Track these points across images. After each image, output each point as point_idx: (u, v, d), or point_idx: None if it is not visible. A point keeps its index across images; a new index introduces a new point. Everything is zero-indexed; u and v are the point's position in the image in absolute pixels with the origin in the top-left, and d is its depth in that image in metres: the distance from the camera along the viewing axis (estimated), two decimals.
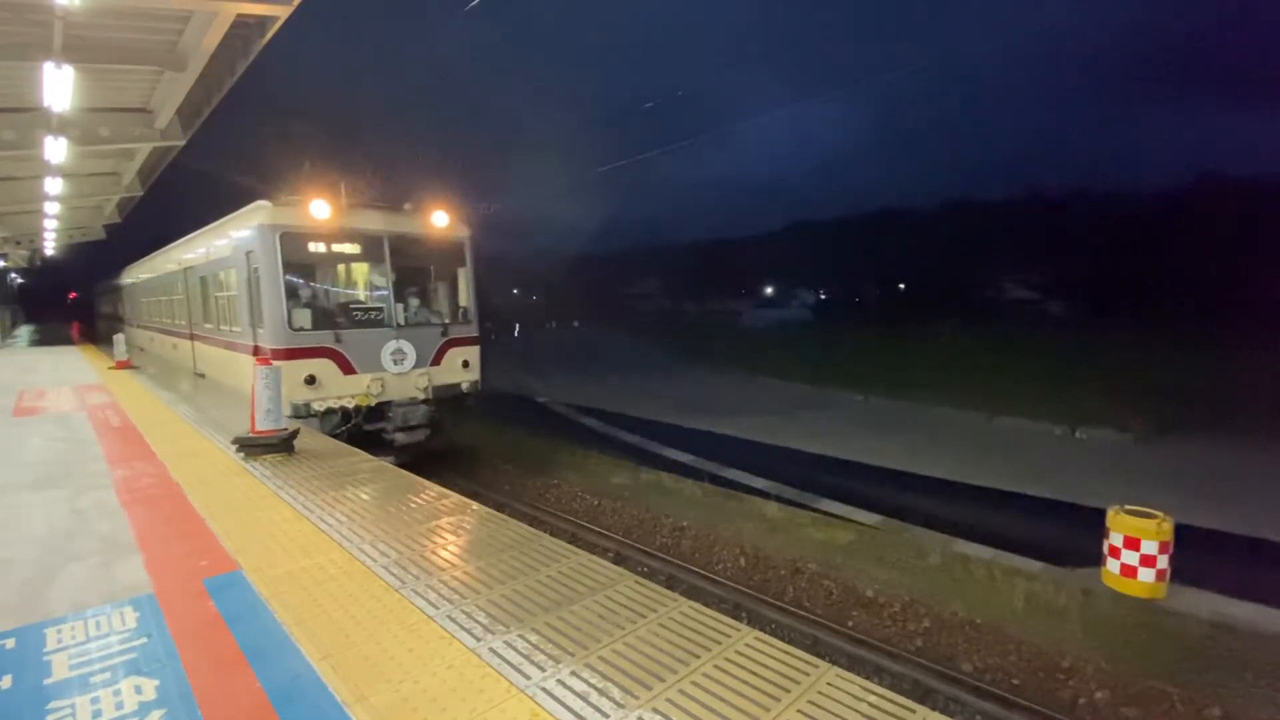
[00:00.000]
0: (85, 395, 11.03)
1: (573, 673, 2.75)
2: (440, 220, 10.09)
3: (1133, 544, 6.41)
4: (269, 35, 8.98)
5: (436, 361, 9.99)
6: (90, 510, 5.00)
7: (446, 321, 10.38)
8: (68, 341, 27.21)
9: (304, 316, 8.97)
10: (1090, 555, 7.07)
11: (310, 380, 8.75)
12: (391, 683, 2.69)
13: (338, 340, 9.03)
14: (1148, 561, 6.34)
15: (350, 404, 9.08)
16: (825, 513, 9.72)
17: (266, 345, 8.89)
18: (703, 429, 18.41)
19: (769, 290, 67.63)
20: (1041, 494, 11.94)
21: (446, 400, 10.07)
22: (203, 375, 13.07)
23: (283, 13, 8.03)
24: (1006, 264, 45.80)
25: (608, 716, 2.47)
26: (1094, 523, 7.19)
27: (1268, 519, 9.93)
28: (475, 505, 4.97)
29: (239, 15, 8.03)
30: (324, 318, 9.25)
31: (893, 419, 19.75)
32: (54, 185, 14.75)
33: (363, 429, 9.25)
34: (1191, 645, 5.76)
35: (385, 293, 9.76)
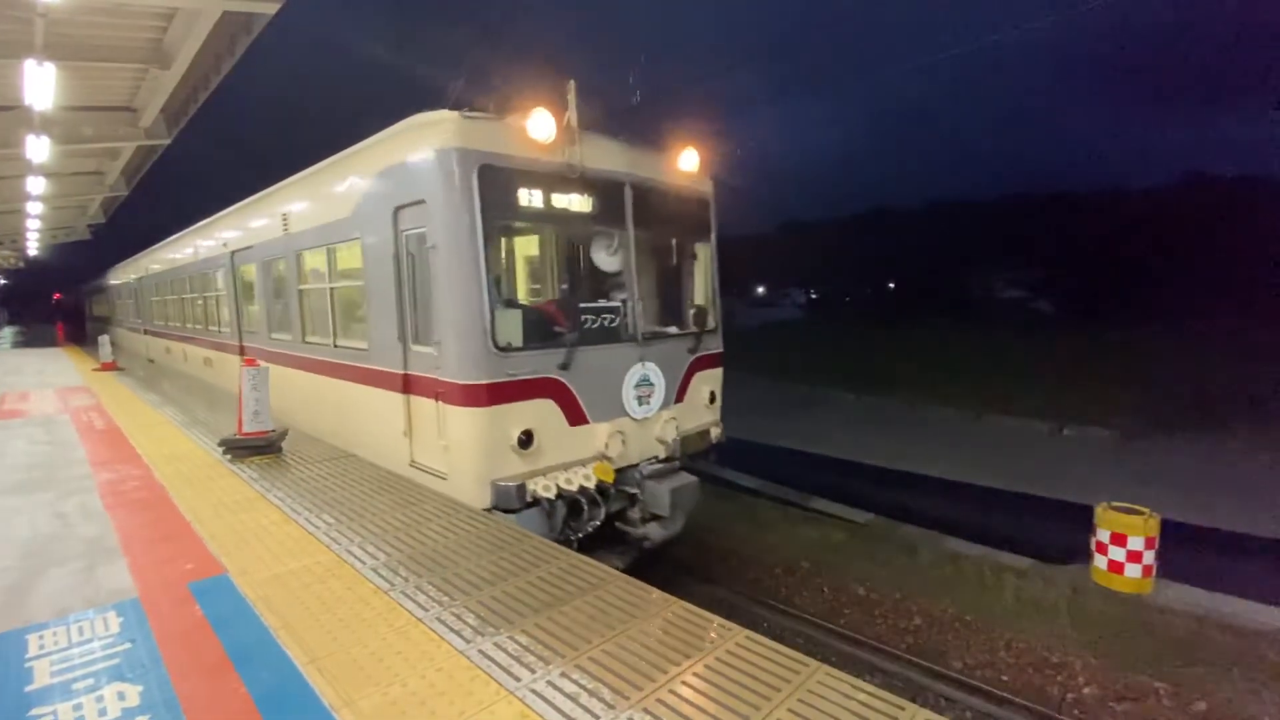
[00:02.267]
0: (69, 398, 10.89)
1: (563, 674, 2.74)
2: (689, 163, 6.59)
3: (1119, 540, 6.47)
4: (256, 33, 8.91)
5: (680, 396, 6.54)
6: (74, 514, 4.94)
7: (693, 329, 6.82)
8: (52, 343, 26.87)
9: (513, 324, 5.32)
10: (1079, 551, 7.13)
11: (526, 441, 5.18)
12: (380, 686, 2.67)
13: (565, 366, 5.45)
14: (1134, 557, 6.40)
15: (589, 481, 5.52)
16: (817, 511, 9.75)
17: (450, 377, 5.13)
18: None
19: (761, 289, 67.79)
20: (1029, 491, 12.03)
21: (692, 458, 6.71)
22: None
23: (270, 9, 7.97)
24: (996, 263, 46.16)
25: (598, 717, 2.46)
26: (1082, 519, 7.25)
27: (1251, 514, 10.06)
28: (465, 506, 4.95)
29: (225, 12, 7.96)
30: (539, 326, 5.57)
31: (883, 417, 19.85)
32: (36, 185, 14.58)
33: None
34: (1178, 640, 5.82)
35: (623, 282, 6.11)
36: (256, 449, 6.53)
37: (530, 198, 5.36)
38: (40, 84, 8.15)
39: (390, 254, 5.75)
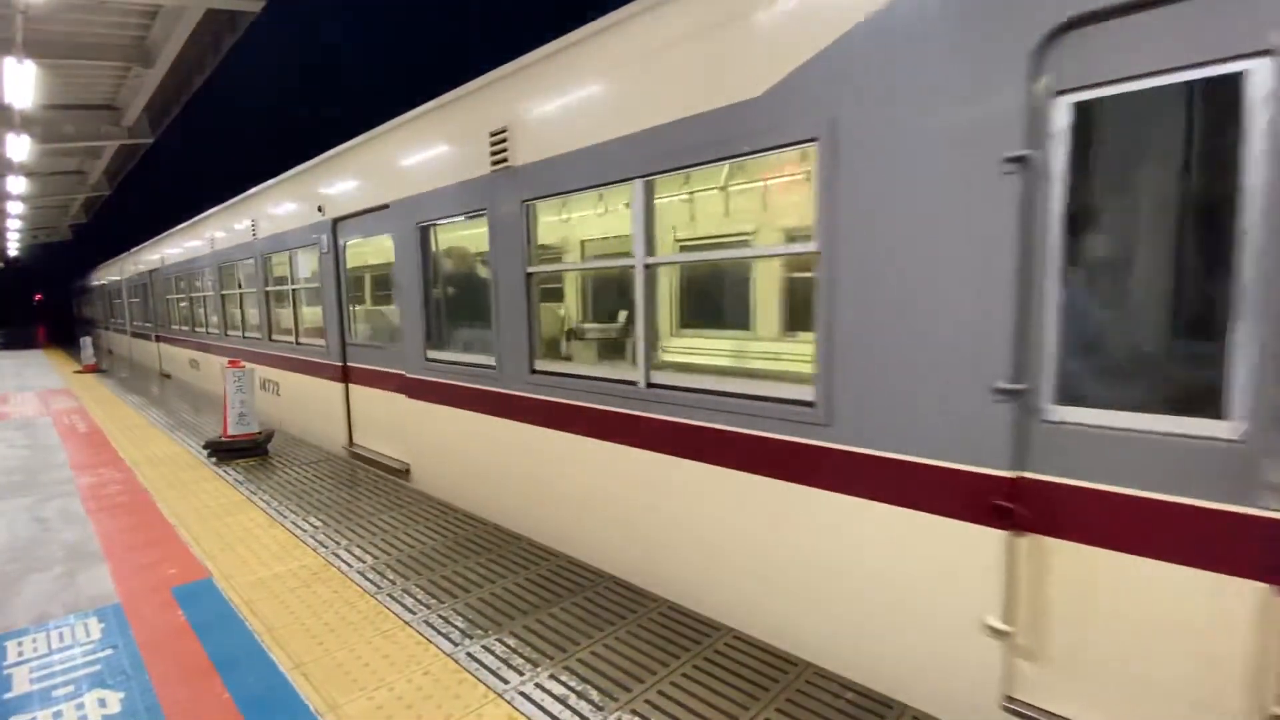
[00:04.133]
0: (50, 400, 10.74)
1: (551, 676, 2.73)
2: None
3: None
4: (241, 31, 8.84)
5: None
6: (54, 518, 4.86)
7: None
8: (34, 345, 26.52)
9: None
10: None
11: None
12: (366, 690, 2.65)
13: None
14: None
15: None
16: None
17: None
18: None
19: None
20: None
21: None
22: (405, 471, 5.76)
23: (254, 7, 7.91)
24: None
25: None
26: None
27: None
28: (453, 507, 4.92)
29: (209, 10, 7.89)
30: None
31: None
32: (17, 184, 14.37)
33: None
34: None
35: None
36: (242, 451, 6.46)
37: None
38: (20, 82, 8.03)
39: (968, 168, 2.24)
